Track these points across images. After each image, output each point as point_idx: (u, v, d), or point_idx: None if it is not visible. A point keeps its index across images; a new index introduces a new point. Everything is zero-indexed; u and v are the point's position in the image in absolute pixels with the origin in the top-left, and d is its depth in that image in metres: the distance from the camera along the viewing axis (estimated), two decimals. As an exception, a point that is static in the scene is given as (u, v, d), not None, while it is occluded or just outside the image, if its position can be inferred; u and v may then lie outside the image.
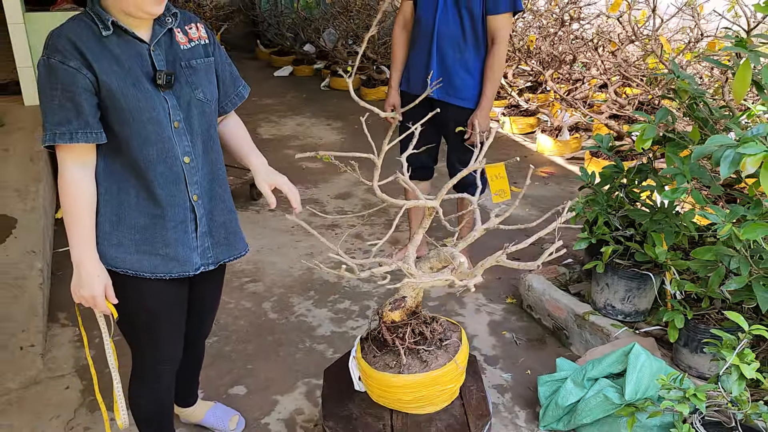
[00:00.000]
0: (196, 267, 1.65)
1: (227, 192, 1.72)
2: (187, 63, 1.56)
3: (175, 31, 1.56)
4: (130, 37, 1.48)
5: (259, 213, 4.02)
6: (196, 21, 1.63)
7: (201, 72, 1.58)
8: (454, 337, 1.79)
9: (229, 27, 9.08)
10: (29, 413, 2.32)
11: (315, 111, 6.46)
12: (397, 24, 3.02)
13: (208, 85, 1.60)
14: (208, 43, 1.62)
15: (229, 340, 2.74)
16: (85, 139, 1.44)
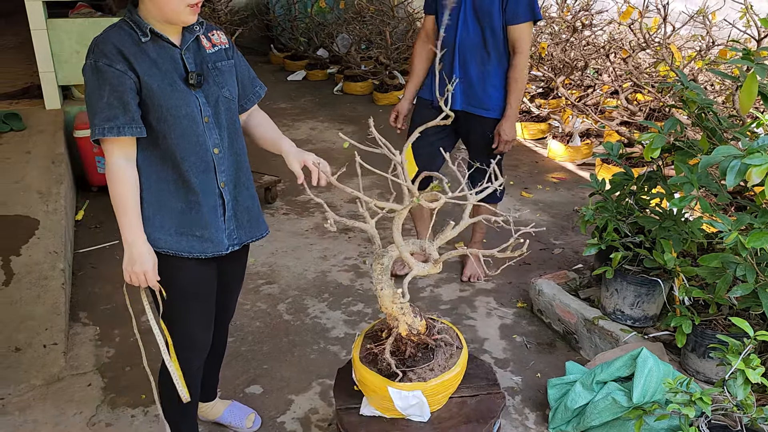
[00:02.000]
0: (226, 247, 1.82)
1: (250, 180, 1.89)
2: (214, 65, 1.75)
3: (201, 38, 1.76)
4: (165, 43, 1.67)
5: (274, 216, 4.09)
6: (217, 29, 1.83)
7: (226, 73, 1.77)
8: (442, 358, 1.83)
9: (243, 31, 9.18)
10: (52, 409, 2.40)
11: (328, 115, 6.53)
12: (419, 38, 3.04)
13: (233, 84, 1.79)
14: (229, 47, 1.82)
15: (245, 340, 2.81)
16: (131, 132, 1.62)
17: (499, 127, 2.85)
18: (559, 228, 3.93)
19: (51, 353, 2.69)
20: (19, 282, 3.01)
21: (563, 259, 3.54)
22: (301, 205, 4.25)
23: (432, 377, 1.76)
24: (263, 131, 1.92)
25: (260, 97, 1.93)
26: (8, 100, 4.73)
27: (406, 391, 1.73)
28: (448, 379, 1.77)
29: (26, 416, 2.36)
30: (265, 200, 4.26)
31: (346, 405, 1.87)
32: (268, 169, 4.63)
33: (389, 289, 1.74)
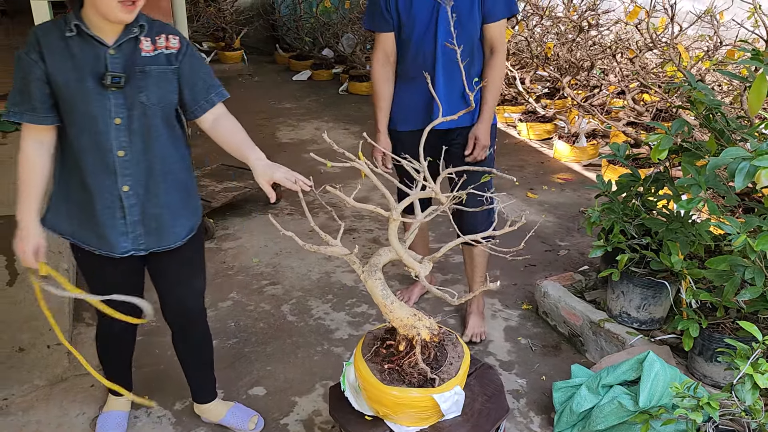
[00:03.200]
0: (124, 250, 1.85)
1: (168, 189, 1.85)
2: (141, 69, 1.73)
3: (142, 39, 1.74)
4: (92, 40, 1.69)
5: (278, 216, 4.09)
6: (170, 33, 1.79)
7: (152, 78, 1.74)
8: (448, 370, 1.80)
9: (248, 31, 9.19)
10: (56, 409, 2.39)
11: (333, 115, 6.52)
12: (376, 61, 2.59)
13: (157, 91, 1.75)
14: (176, 53, 1.78)
15: (248, 341, 2.80)
16: (29, 120, 1.71)
17: (474, 130, 2.52)
18: (565, 229, 3.91)
19: (55, 353, 2.68)
20: (23, 282, 3.01)
21: (569, 260, 3.52)
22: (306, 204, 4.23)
23: (456, 369, 1.75)
24: (228, 139, 1.88)
25: (213, 105, 1.86)
26: (14, 99, 4.73)
27: (448, 392, 1.71)
28: (466, 366, 1.78)
29: (29, 416, 2.35)
30: (268, 200, 4.25)
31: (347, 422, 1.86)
32: (272, 169, 4.62)
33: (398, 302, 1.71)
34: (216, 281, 3.30)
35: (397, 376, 1.75)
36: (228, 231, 3.87)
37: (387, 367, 1.77)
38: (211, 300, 3.12)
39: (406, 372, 1.75)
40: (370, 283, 1.73)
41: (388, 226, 1.71)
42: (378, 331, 1.92)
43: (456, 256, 3.57)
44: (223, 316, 2.99)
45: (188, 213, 1.94)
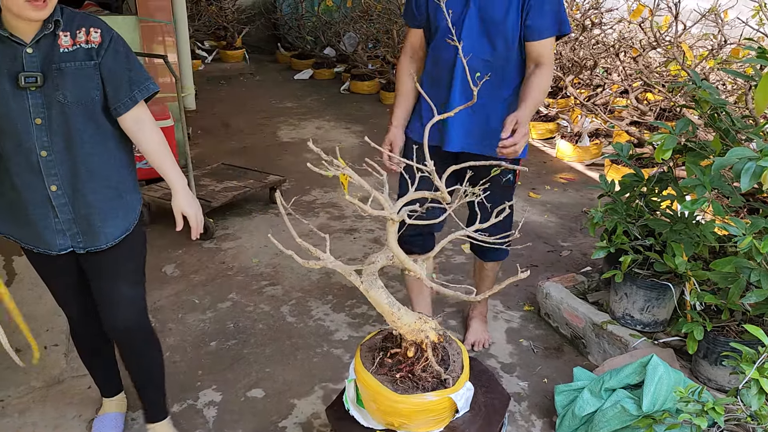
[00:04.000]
0: (61, 248, 1.83)
1: (96, 188, 1.79)
2: (58, 66, 1.67)
3: (61, 35, 1.68)
4: (8, 40, 1.64)
5: (278, 216, 4.06)
6: (91, 25, 1.71)
7: (69, 75, 1.68)
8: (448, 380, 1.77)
9: (250, 30, 9.16)
10: (52, 411, 2.37)
11: (335, 114, 6.49)
12: (404, 53, 2.43)
13: (74, 88, 1.69)
14: (97, 47, 1.70)
15: (247, 343, 2.77)
16: None
17: (516, 114, 2.06)
18: (567, 229, 3.87)
19: (52, 354, 2.66)
20: (21, 282, 3.00)
21: (571, 261, 3.49)
22: (306, 205, 4.21)
23: (460, 365, 1.72)
24: (151, 149, 1.81)
25: (136, 102, 1.76)
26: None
27: (462, 390, 1.68)
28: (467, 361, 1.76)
29: (26, 418, 2.33)
30: (270, 200, 4.23)
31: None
32: (272, 168, 4.60)
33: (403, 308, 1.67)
34: (215, 282, 3.28)
35: (411, 384, 1.69)
36: (228, 231, 3.84)
37: (399, 376, 1.70)
38: (211, 301, 3.09)
39: (419, 377, 1.70)
40: (373, 293, 1.66)
41: (387, 228, 1.65)
42: (373, 341, 1.85)
43: (457, 257, 3.54)
44: (222, 317, 2.96)
45: (122, 213, 1.86)
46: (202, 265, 3.45)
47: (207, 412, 2.37)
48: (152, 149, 1.81)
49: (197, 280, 3.30)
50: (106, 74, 1.72)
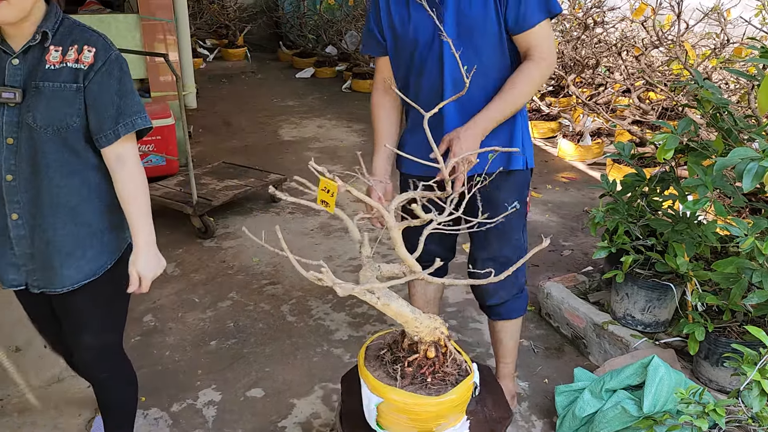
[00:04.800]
0: (12, 284, 1.65)
1: (57, 224, 1.59)
2: (36, 84, 1.50)
3: (51, 49, 1.51)
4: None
5: (279, 215, 4.05)
6: (86, 43, 1.52)
7: (44, 96, 1.50)
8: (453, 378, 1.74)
9: (252, 29, 9.16)
10: (52, 410, 2.36)
11: (336, 113, 6.48)
12: (375, 89, 2.07)
13: (46, 111, 1.50)
14: (86, 69, 1.51)
15: (247, 342, 2.77)
16: None
17: (455, 131, 1.78)
18: (569, 229, 3.86)
19: (51, 354, 2.64)
20: (21, 281, 2.98)
21: (572, 261, 3.48)
22: (306, 204, 4.19)
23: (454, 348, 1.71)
24: (121, 196, 1.62)
25: (118, 137, 1.55)
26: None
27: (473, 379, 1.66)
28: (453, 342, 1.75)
29: (25, 418, 2.33)
30: (271, 199, 4.22)
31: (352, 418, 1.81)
32: (273, 167, 4.60)
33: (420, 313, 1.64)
34: (216, 281, 3.27)
35: (443, 384, 1.64)
36: (228, 230, 3.84)
37: (431, 380, 1.64)
38: (211, 300, 3.09)
39: (448, 373, 1.67)
40: (395, 306, 1.55)
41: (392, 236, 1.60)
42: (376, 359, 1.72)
43: (460, 257, 3.53)
44: (222, 316, 2.96)
45: (91, 255, 1.65)
46: (202, 264, 3.45)
47: (206, 411, 2.36)
48: (127, 193, 1.60)
49: (197, 279, 3.29)
50: (91, 101, 1.53)
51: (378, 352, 1.75)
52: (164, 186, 3.99)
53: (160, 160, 4.38)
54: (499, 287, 2.07)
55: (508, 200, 1.94)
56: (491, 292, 2.11)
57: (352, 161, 4.90)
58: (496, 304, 2.14)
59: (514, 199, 1.95)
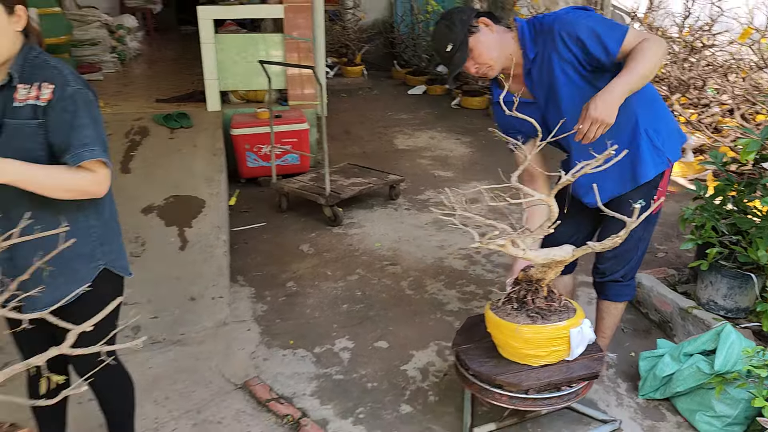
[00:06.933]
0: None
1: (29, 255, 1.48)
2: (3, 122, 1.59)
3: (19, 87, 1.60)
4: None
5: (397, 211, 4.59)
6: (45, 80, 1.60)
7: (8, 133, 1.59)
8: (568, 311, 2.18)
9: (369, 48, 9.88)
10: (222, 345, 2.98)
11: (446, 126, 6.98)
12: (523, 181, 2.16)
13: (9, 148, 1.58)
14: (44, 105, 1.58)
15: (373, 307, 3.30)
16: None
17: (591, 99, 1.96)
18: (665, 235, 4.13)
19: (218, 304, 3.29)
20: (192, 248, 3.68)
21: (666, 262, 3.76)
22: (421, 202, 4.71)
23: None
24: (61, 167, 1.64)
25: (76, 163, 1.59)
26: (177, 102, 5.56)
27: (582, 326, 2.10)
28: None
29: (202, 348, 2.96)
30: (389, 197, 4.77)
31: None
32: (392, 169, 5.15)
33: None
34: (344, 260, 3.84)
35: (560, 313, 2.12)
36: (353, 220, 4.41)
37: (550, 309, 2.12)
38: (341, 274, 3.65)
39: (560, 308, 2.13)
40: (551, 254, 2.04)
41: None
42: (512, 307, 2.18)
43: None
44: (351, 286, 3.51)
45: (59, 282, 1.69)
46: (332, 246, 4.03)
47: (342, 354, 2.90)
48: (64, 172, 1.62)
49: (329, 257, 3.88)
50: (50, 133, 1.60)
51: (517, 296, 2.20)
52: (300, 180, 4.63)
53: (295, 159, 5.06)
54: (613, 266, 2.45)
55: (634, 198, 2.06)
56: (607, 270, 2.48)
57: (461, 168, 5.35)
58: (608, 280, 2.50)
59: (640, 197, 2.07)
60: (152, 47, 9.12)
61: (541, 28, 2.17)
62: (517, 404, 2.15)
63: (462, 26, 2.17)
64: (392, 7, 10.44)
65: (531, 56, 2.19)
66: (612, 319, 2.60)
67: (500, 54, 2.22)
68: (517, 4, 7.61)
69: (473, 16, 2.20)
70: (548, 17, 2.18)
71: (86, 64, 6.66)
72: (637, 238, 2.38)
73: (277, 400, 2.58)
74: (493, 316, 2.18)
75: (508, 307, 2.19)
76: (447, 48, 2.21)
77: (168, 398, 2.61)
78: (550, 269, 2.16)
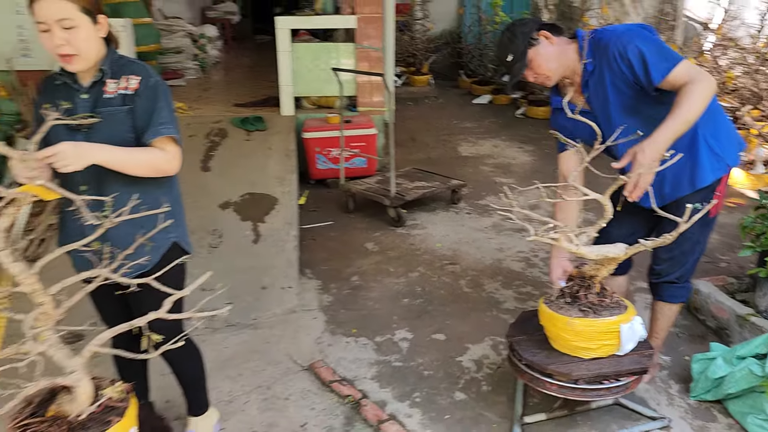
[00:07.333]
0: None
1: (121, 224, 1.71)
2: (99, 111, 1.87)
3: (108, 82, 1.90)
4: (70, 85, 1.91)
5: (458, 214, 4.73)
6: (131, 73, 1.91)
7: (105, 119, 1.86)
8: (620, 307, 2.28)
9: (436, 58, 10.06)
10: (290, 330, 3.20)
11: (510, 135, 7.07)
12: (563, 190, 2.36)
13: (106, 131, 1.85)
14: (132, 94, 1.89)
15: (431, 302, 3.45)
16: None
17: (639, 144, 2.06)
18: (727, 246, 4.11)
19: (287, 293, 3.53)
20: (265, 241, 3.94)
21: (727, 271, 3.74)
22: (482, 207, 4.84)
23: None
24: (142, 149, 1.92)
25: (149, 140, 1.88)
26: (253, 106, 5.90)
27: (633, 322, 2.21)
28: None
29: (273, 332, 3.19)
30: (451, 201, 4.92)
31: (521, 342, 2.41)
32: (455, 175, 5.30)
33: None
34: (406, 258, 4.02)
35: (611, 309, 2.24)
36: (416, 221, 4.59)
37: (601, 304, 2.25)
38: (402, 271, 3.83)
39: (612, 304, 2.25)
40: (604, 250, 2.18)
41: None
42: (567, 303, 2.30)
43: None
44: (411, 282, 3.68)
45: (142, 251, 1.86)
46: (395, 245, 4.22)
47: (401, 344, 3.07)
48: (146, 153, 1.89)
49: (391, 255, 4.06)
50: (137, 117, 1.89)
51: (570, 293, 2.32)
52: (366, 183, 4.85)
53: (362, 163, 5.29)
54: (669, 267, 2.51)
55: (691, 201, 2.11)
56: (662, 271, 2.54)
57: (523, 176, 5.45)
58: (663, 282, 2.57)
59: (697, 201, 2.14)
60: (230, 55, 9.60)
61: (598, 43, 2.29)
62: (566, 394, 2.27)
63: (523, 39, 2.32)
64: (460, 18, 10.60)
65: (589, 69, 2.31)
66: (665, 321, 2.66)
67: (558, 65, 2.35)
68: (585, 15, 7.62)
69: (534, 29, 2.34)
70: (607, 33, 2.29)
71: (170, 70, 7.13)
72: (694, 241, 2.44)
73: (340, 382, 2.77)
74: (546, 309, 2.30)
75: (560, 302, 2.31)
76: (508, 58, 2.35)
77: (241, 375, 2.84)
78: (603, 266, 2.26)
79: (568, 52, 2.36)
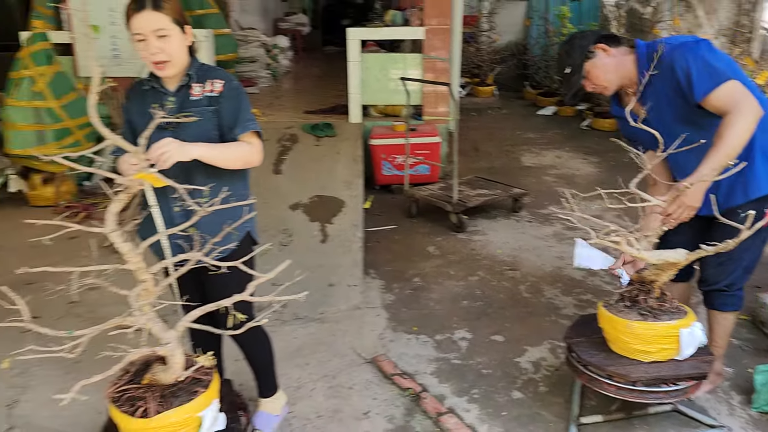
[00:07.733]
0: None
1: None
2: (186, 112, 2.03)
3: (194, 86, 2.09)
4: (159, 88, 2.10)
5: (519, 222, 4.80)
6: (215, 78, 2.11)
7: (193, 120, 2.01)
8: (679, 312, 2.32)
9: (501, 69, 10.12)
10: (355, 325, 3.35)
11: (574, 146, 7.05)
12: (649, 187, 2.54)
13: (196, 130, 2.02)
14: (217, 96, 2.08)
15: (491, 305, 3.54)
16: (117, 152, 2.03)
17: (684, 183, 2.18)
18: (798, 262, 4.02)
19: (352, 291, 3.69)
20: (332, 241, 4.12)
21: (797, 288, 3.68)
22: (543, 216, 4.89)
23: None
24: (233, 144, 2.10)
25: (237, 136, 2.07)
26: (323, 113, 6.14)
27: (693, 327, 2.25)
28: None
29: (338, 325, 3.34)
30: (512, 209, 4.98)
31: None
32: (517, 184, 5.36)
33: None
34: (466, 262, 4.12)
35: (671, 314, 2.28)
36: (477, 228, 4.68)
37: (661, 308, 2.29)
38: (463, 274, 3.93)
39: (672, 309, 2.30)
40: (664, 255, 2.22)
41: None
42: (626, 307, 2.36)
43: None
44: (471, 285, 3.78)
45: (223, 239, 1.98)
46: (456, 249, 4.32)
47: (460, 343, 3.18)
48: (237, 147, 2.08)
49: (452, 259, 4.17)
50: (222, 115, 2.08)
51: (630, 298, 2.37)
52: (430, 189, 4.98)
53: (426, 170, 5.42)
54: (717, 275, 2.54)
55: (744, 211, 2.12)
56: (710, 278, 2.57)
57: (585, 187, 5.44)
58: (713, 290, 2.58)
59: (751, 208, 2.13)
60: (300, 65, 9.95)
61: (655, 54, 2.35)
62: (624, 395, 2.32)
63: (580, 52, 2.44)
64: (527, 29, 10.62)
65: (645, 80, 2.38)
66: (721, 330, 2.65)
67: (615, 76, 2.45)
68: (656, 27, 7.54)
69: (592, 42, 2.44)
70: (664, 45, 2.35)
71: (245, 79, 7.48)
72: (743, 248, 2.38)
73: (401, 375, 2.90)
74: (605, 312, 2.36)
75: (620, 305, 2.37)
76: (566, 70, 2.47)
77: (308, 364, 3.01)
78: (663, 271, 2.31)
79: (626, 63, 2.44)
